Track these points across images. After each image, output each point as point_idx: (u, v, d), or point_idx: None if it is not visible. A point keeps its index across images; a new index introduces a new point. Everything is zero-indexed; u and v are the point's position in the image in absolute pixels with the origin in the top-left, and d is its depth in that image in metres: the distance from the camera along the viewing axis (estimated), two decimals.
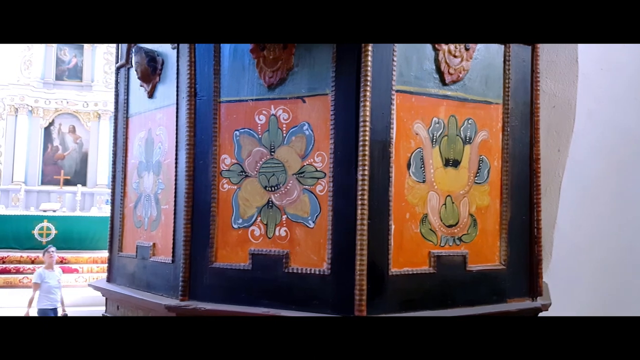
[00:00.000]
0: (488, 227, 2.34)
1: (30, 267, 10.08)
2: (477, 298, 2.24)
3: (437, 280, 2.15)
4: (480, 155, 2.34)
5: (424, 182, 2.18)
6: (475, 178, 2.32)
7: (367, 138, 1.99)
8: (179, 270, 2.27)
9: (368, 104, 2.00)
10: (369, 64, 2.01)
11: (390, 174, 2.07)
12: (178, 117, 2.41)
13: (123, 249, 2.80)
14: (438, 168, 2.22)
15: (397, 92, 2.10)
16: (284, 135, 2.18)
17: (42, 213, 12.02)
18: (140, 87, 2.68)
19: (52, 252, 6.41)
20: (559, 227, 3.00)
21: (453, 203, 2.25)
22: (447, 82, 2.23)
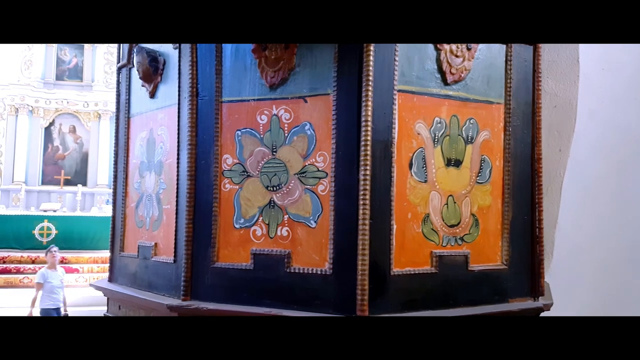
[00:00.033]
0: (490, 227, 2.34)
1: (31, 267, 10.08)
2: (479, 298, 2.24)
3: (439, 280, 2.15)
4: (482, 155, 2.34)
5: (426, 182, 2.18)
6: (477, 178, 2.32)
7: (368, 138, 1.99)
8: (181, 270, 2.27)
9: (370, 104, 2.00)
10: (371, 64, 2.01)
11: (392, 174, 2.07)
12: (180, 117, 2.41)
13: (125, 249, 2.80)
14: (440, 168, 2.22)
15: (398, 92, 2.10)
16: (286, 135, 2.18)
17: (42, 213, 12.03)
18: (142, 87, 2.68)
19: (54, 251, 6.40)
20: (560, 226, 3.00)
21: (455, 203, 2.25)
22: (448, 81, 2.23)
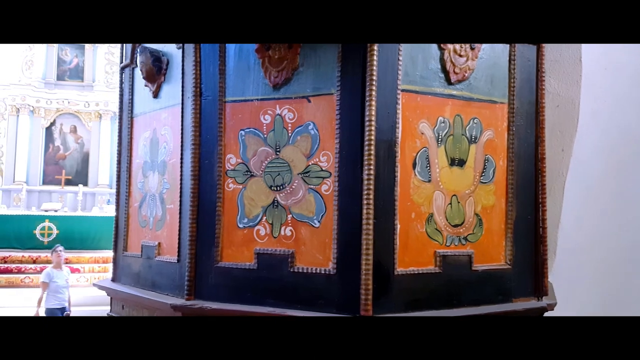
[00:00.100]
0: (493, 226, 2.34)
1: (32, 266, 10.11)
2: (482, 298, 2.24)
3: (442, 280, 2.15)
4: (486, 155, 2.33)
5: (430, 181, 2.18)
6: (481, 177, 2.32)
7: (372, 137, 1.99)
8: (185, 270, 2.27)
9: (373, 104, 2.00)
10: (375, 64, 2.01)
11: (396, 174, 2.07)
12: (183, 116, 2.41)
13: (128, 249, 2.80)
14: (444, 167, 2.22)
15: (402, 91, 2.10)
16: (289, 135, 2.18)
17: (43, 213, 12.04)
18: (145, 87, 2.68)
19: (60, 251, 6.41)
20: (563, 226, 3.00)
21: (459, 202, 2.25)
22: (452, 81, 2.22)
